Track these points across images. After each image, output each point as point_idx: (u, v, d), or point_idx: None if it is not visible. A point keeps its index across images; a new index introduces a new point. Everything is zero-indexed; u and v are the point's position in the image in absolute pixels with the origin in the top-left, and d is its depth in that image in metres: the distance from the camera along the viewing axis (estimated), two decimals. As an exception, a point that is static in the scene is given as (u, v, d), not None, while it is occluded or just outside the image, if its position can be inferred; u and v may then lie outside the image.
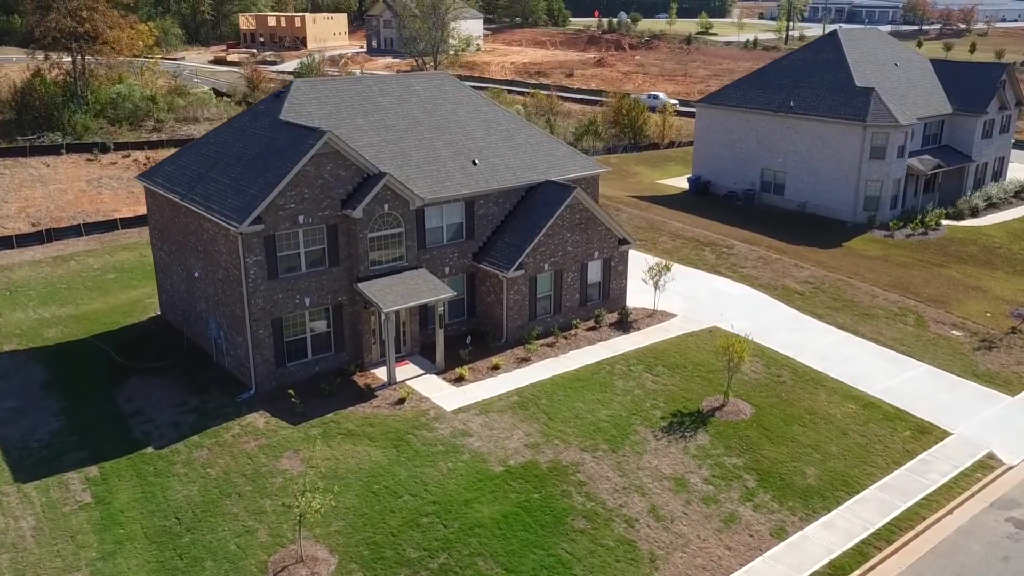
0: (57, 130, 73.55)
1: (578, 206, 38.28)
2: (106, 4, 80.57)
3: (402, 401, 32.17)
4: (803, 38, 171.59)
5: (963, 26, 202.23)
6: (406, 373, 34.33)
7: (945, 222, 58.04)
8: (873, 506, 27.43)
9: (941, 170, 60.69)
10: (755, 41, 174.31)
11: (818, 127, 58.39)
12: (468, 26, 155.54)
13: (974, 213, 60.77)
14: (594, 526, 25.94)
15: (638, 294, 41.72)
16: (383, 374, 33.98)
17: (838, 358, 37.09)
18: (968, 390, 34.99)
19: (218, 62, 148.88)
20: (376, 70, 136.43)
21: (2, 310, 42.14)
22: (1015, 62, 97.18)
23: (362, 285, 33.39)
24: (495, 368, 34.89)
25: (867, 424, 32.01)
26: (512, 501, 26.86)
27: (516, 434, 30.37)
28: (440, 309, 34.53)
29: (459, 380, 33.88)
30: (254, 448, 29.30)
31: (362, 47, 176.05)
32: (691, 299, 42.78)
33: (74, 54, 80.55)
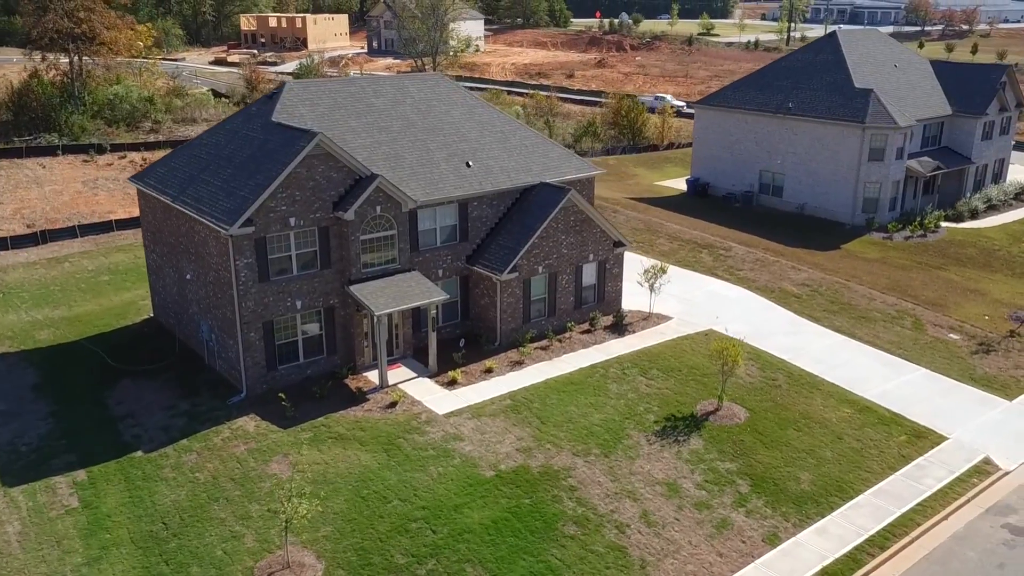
0: (54, 131, 73.39)
1: (573, 208, 38.04)
2: (103, 5, 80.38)
3: (394, 405, 31.95)
4: (805, 39, 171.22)
5: (965, 27, 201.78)
6: (398, 376, 34.12)
7: (944, 224, 57.71)
8: (867, 512, 27.15)
9: (940, 172, 60.35)
10: (756, 42, 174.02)
11: (817, 129, 58.08)
12: (468, 27, 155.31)
13: (974, 215, 60.42)
14: (584, 532, 25.69)
15: (634, 296, 41.46)
16: (375, 377, 33.77)
17: (834, 362, 36.80)
18: (965, 394, 34.69)
19: (219, 63, 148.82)
20: (376, 71, 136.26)
21: (-5, 312, 42.00)
22: (1016, 63, 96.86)
23: (354, 288, 33.17)
24: (488, 371, 34.66)
25: (862, 428, 31.72)
26: (502, 506, 26.62)
27: (508, 438, 30.13)
28: (433, 312, 34.28)
29: (452, 383, 33.65)
30: (243, 452, 29.09)
31: (363, 48, 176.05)
32: (687, 302, 42.51)
33: (71, 55, 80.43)
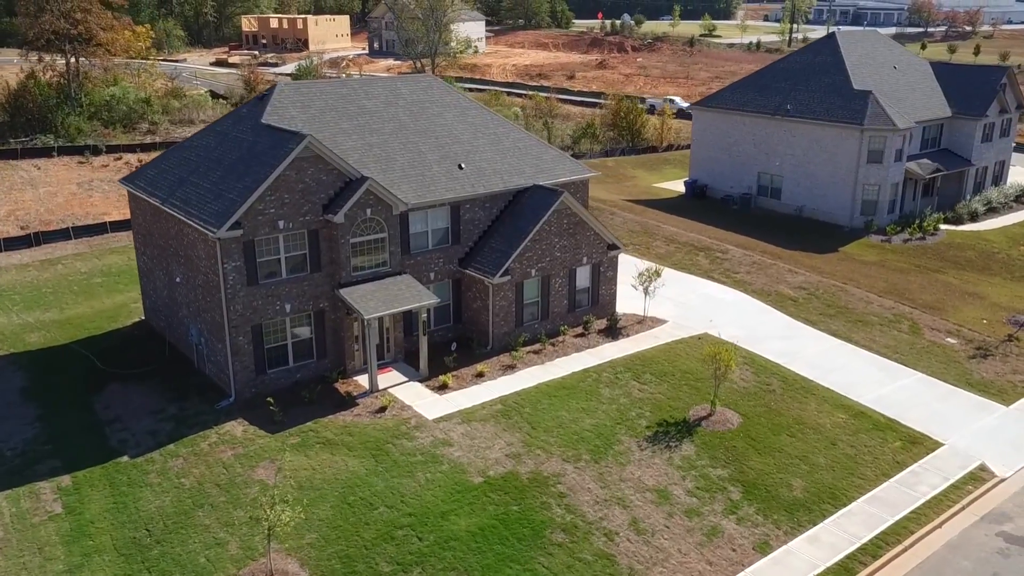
0: (50, 132, 73.23)
1: (566, 211, 37.70)
2: (100, 6, 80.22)
3: (383, 409, 31.63)
4: (806, 40, 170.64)
5: (968, 28, 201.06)
6: (389, 380, 33.79)
7: (944, 227, 57.29)
8: (860, 519, 26.78)
9: (940, 174, 59.94)
10: (759, 43, 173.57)
11: (815, 130, 57.69)
12: (469, 28, 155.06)
13: (973, 218, 59.97)
14: (572, 540, 25.34)
15: (630, 300, 41.12)
16: (365, 382, 33.44)
17: (830, 366, 36.43)
18: (961, 399, 34.31)
19: (219, 64, 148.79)
20: (377, 72, 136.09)
21: (-15, 314, 41.75)
22: (1018, 64, 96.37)
23: (344, 291, 32.86)
24: (480, 375, 34.33)
25: (857, 434, 31.36)
26: (490, 513, 26.29)
27: (498, 444, 29.80)
28: (424, 315, 33.97)
29: (442, 388, 33.33)
30: (230, 457, 28.78)
31: (364, 49, 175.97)
32: (683, 305, 42.16)
33: (68, 56, 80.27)
